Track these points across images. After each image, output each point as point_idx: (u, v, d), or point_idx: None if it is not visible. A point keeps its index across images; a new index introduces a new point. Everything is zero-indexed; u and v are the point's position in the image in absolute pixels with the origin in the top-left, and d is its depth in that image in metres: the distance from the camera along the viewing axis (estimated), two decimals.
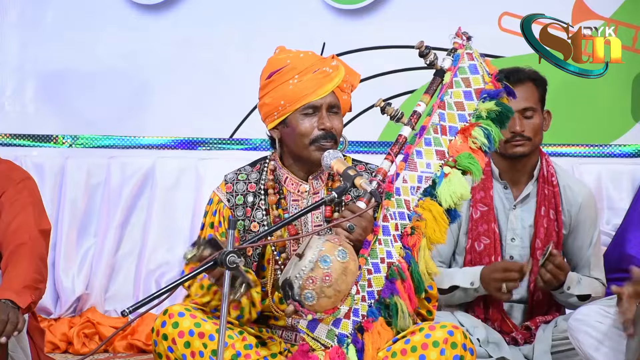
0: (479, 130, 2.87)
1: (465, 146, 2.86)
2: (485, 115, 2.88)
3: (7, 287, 3.16)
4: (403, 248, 2.79)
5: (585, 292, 3.63)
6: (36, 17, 5.10)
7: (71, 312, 4.84)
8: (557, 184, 3.71)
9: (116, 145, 5.07)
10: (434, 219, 2.80)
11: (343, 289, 2.72)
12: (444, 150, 2.87)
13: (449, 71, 2.91)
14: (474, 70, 2.92)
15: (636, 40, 4.76)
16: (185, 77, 5.04)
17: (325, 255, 2.69)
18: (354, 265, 2.74)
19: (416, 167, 2.85)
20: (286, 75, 2.98)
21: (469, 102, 2.90)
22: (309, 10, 4.97)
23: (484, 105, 2.88)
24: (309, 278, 2.68)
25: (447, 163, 2.85)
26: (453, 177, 2.83)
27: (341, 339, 2.74)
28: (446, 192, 2.81)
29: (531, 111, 3.65)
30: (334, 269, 2.69)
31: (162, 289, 2.59)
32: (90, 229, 4.99)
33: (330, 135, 2.96)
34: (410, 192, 2.84)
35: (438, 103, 2.89)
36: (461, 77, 2.91)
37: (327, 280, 2.68)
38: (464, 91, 2.91)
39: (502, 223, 3.70)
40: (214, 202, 3.07)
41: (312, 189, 3.04)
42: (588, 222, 3.73)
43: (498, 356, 3.53)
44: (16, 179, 3.44)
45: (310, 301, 2.69)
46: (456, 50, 2.94)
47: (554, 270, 3.54)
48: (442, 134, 2.88)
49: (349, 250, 2.73)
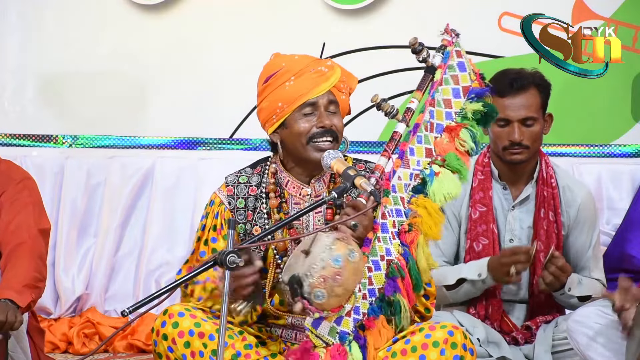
0: (467, 132, 2.87)
1: (452, 146, 2.87)
2: (471, 116, 2.88)
3: (7, 286, 3.16)
4: (401, 245, 2.79)
5: (585, 294, 3.63)
6: (36, 17, 5.10)
7: (71, 312, 4.85)
8: (556, 185, 3.70)
9: (116, 145, 5.07)
10: (429, 215, 2.81)
11: (352, 288, 2.72)
12: (431, 148, 2.87)
13: (440, 68, 2.92)
14: (462, 67, 2.93)
15: (636, 40, 4.76)
16: (185, 77, 5.04)
17: (337, 255, 2.69)
18: (363, 265, 2.74)
19: (409, 164, 2.86)
20: (282, 77, 2.98)
21: (456, 100, 2.91)
22: (309, 10, 4.97)
23: (471, 105, 2.89)
24: (321, 277, 2.67)
25: (435, 162, 2.85)
26: (444, 176, 2.83)
27: (342, 337, 2.74)
28: (439, 192, 2.82)
29: (532, 120, 3.62)
30: (346, 268, 2.69)
31: (162, 289, 2.59)
32: (90, 229, 4.99)
33: (330, 132, 2.96)
34: (405, 189, 2.84)
35: (429, 100, 2.90)
36: (450, 75, 2.92)
37: (339, 279, 2.68)
38: (453, 88, 2.91)
39: (501, 224, 3.70)
40: (215, 203, 3.07)
41: (314, 192, 3.03)
42: (587, 222, 3.73)
43: (498, 356, 3.53)
44: (16, 179, 3.44)
45: (320, 299, 2.69)
46: (446, 47, 2.94)
47: (556, 272, 3.54)
48: (430, 131, 2.89)
49: (358, 250, 2.73)
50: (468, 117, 2.89)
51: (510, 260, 3.51)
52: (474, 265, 3.60)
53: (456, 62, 2.93)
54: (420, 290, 2.81)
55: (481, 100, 2.90)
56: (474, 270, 3.58)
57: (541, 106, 3.67)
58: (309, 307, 2.69)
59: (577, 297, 3.62)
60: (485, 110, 2.88)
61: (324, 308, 2.70)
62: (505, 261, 3.52)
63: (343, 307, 2.73)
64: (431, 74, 2.92)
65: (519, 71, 3.68)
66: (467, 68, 2.93)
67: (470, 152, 2.88)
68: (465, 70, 2.93)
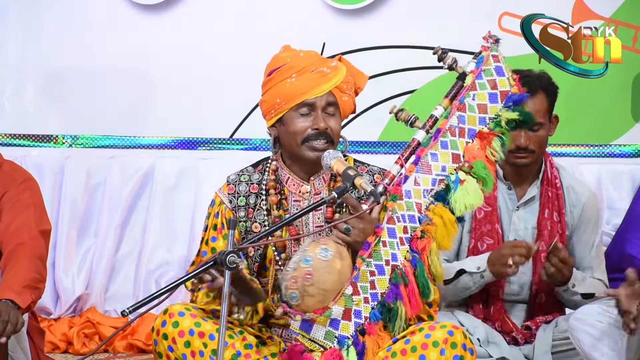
0: (498, 142, 2.85)
1: (482, 154, 2.84)
2: (504, 125, 2.87)
3: (7, 287, 3.16)
4: (410, 251, 2.78)
5: (589, 291, 3.62)
6: (36, 17, 5.10)
7: (71, 312, 4.85)
8: (560, 185, 3.70)
9: (116, 145, 5.08)
10: (444, 226, 2.80)
11: (328, 287, 2.71)
12: (460, 153, 2.84)
13: (472, 73, 2.89)
14: (500, 72, 2.89)
15: (636, 40, 4.76)
16: (185, 77, 5.04)
17: (307, 254, 2.70)
18: (342, 264, 2.73)
19: (430, 169, 2.83)
20: (285, 73, 2.99)
21: (492, 105, 2.87)
22: (309, 10, 4.97)
23: (507, 114, 2.86)
24: (292, 277, 2.69)
25: (462, 168, 2.83)
26: (469, 185, 2.81)
27: (341, 341, 2.74)
28: (462, 200, 2.80)
29: (538, 125, 3.61)
30: (315, 267, 2.69)
31: (162, 289, 2.59)
32: (90, 229, 4.99)
33: (324, 135, 2.96)
34: (423, 194, 2.82)
35: (457, 105, 2.86)
36: (487, 79, 2.88)
37: (309, 278, 2.68)
38: (489, 93, 2.88)
39: (505, 224, 3.69)
40: (215, 203, 3.07)
41: (314, 190, 3.03)
42: (591, 223, 3.72)
43: (498, 356, 3.53)
44: (18, 179, 3.44)
45: (295, 301, 2.70)
46: (480, 52, 2.92)
47: (558, 264, 3.54)
48: (459, 136, 2.85)
49: (334, 249, 2.72)
50: (501, 125, 2.87)
51: (510, 252, 3.50)
52: (475, 259, 3.60)
53: (493, 66, 2.89)
54: (429, 296, 2.80)
55: (518, 107, 2.88)
56: (474, 263, 3.58)
57: (548, 110, 3.65)
58: (289, 310, 2.70)
59: (581, 294, 3.62)
60: (520, 118, 2.87)
61: (303, 309, 2.70)
62: (505, 252, 3.51)
63: (329, 309, 2.72)
64: (462, 80, 2.90)
65: (527, 74, 3.65)
66: (506, 73, 2.89)
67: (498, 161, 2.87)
68: (504, 74, 2.89)
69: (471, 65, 2.91)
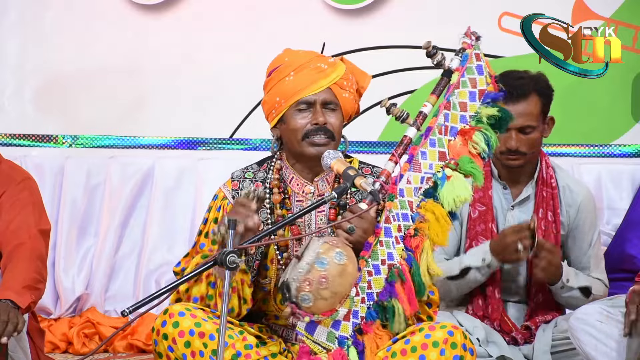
0: (480, 135, 2.86)
1: (465, 149, 2.86)
2: (486, 120, 2.87)
3: (7, 287, 3.16)
4: (405, 250, 2.79)
5: (584, 284, 3.62)
6: (36, 17, 5.10)
7: (71, 312, 4.84)
8: (556, 185, 3.70)
9: (116, 145, 5.08)
10: (436, 221, 2.80)
11: (340, 290, 2.72)
12: (445, 151, 2.86)
13: (457, 71, 2.89)
14: (481, 70, 2.90)
15: (636, 40, 4.76)
16: (185, 77, 5.04)
17: (322, 257, 2.69)
18: (352, 267, 2.73)
19: (420, 168, 2.84)
20: (283, 72, 3.00)
21: (472, 103, 2.89)
22: (309, 10, 4.97)
23: (486, 110, 2.88)
24: (306, 280, 2.68)
25: (448, 165, 2.84)
26: (456, 180, 2.82)
27: (341, 342, 2.74)
28: (450, 195, 2.80)
29: (530, 128, 3.61)
30: (331, 271, 2.69)
31: (162, 289, 2.59)
32: (90, 229, 4.99)
33: (324, 130, 2.96)
34: (414, 193, 2.83)
35: (444, 104, 2.88)
36: (468, 78, 2.89)
37: (324, 282, 2.68)
38: (470, 92, 2.89)
39: (500, 223, 3.70)
40: (219, 198, 3.07)
41: (317, 191, 3.03)
42: (587, 223, 3.73)
43: (497, 355, 3.53)
44: (17, 179, 3.44)
45: (307, 303, 2.69)
46: (464, 50, 2.92)
47: (547, 255, 3.54)
48: (444, 134, 2.87)
49: (347, 252, 2.73)
50: (482, 121, 2.87)
51: (516, 237, 3.51)
52: (475, 252, 3.59)
53: (475, 65, 2.90)
54: (423, 295, 2.80)
55: (496, 104, 2.89)
56: (477, 256, 3.58)
57: (541, 112, 3.64)
58: (298, 312, 2.70)
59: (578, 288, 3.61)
60: (499, 115, 2.88)
61: (313, 311, 2.70)
62: (510, 239, 3.51)
63: (336, 311, 2.73)
64: (447, 77, 2.91)
65: (521, 76, 3.65)
66: (484, 71, 2.90)
67: (482, 154, 2.87)
68: (483, 73, 2.90)
69: (455, 61, 2.91)
